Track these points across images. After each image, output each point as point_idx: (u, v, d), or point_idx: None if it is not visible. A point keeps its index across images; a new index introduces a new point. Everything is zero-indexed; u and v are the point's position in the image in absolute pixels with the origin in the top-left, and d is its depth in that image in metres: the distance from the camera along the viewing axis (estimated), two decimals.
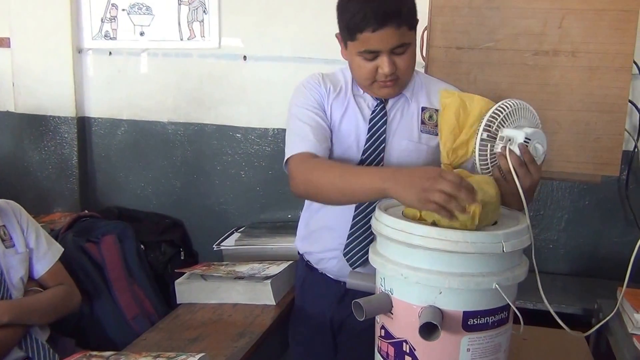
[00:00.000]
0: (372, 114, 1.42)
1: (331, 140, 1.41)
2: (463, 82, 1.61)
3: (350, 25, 1.30)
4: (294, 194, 1.36)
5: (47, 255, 1.62)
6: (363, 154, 1.40)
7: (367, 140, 1.40)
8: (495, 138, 1.23)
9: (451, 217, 0.99)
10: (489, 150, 1.23)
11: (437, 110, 1.42)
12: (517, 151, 1.19)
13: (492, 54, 1.62)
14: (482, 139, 1.23)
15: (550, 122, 1.62)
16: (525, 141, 1.19)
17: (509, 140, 1.20)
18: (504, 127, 1.22)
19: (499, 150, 1.21)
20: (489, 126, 1.23)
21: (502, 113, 1.22)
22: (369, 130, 1.41)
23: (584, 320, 1.77)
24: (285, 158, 1.37)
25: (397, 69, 1.33)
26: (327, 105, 1.42)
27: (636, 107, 1.93)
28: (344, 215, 1.41)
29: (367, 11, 1.27)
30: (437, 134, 1.41)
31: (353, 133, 1.41)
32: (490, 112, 1.23)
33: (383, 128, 1.40)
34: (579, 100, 1.59)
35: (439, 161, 1.43)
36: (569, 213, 2.14)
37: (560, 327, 1.09)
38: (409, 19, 1.31)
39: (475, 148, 1.24)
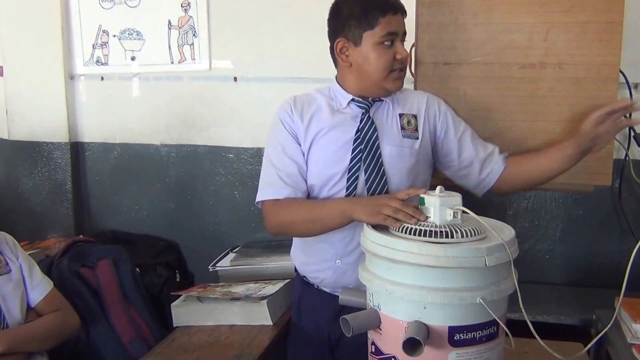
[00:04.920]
0: (360, 122, 1.47)
1: (309, 159, 1.47)
2: (453, 97, 1.63)
3: (370, 12, 1.39)
4: (269, 234, 1.53)
5: (41, 283, 1.61)
6: (351, 162, 1.44)
7: (354, 149, 1.45)
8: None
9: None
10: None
11: (414, 116, 1.50)
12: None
13: (479, 68, 1.64)
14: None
15: (540, 133, 1.63)
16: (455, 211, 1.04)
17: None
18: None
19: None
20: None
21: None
22: (357, 139, 1.45)
23: (583, 331, 1.76)
24: (257, 200, 1.50)
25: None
26: (302, 128, 1.48)
27: (624, 116, 1.93)
28: (339, 230, 1.43)
29: None
30: (417, 138, 1.48)
31: (340, 143, 1.46)
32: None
33: (375, 134, 1.45)
34: (567, 111, 1.61)
35: (422, 162, 1.50)
36: (564, 223, 2.14)
37: (561, 339, 1.08)
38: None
39: None
